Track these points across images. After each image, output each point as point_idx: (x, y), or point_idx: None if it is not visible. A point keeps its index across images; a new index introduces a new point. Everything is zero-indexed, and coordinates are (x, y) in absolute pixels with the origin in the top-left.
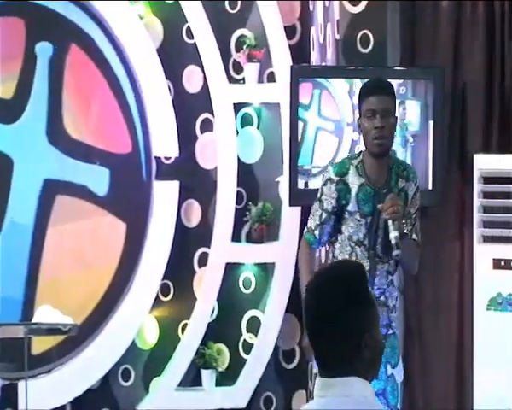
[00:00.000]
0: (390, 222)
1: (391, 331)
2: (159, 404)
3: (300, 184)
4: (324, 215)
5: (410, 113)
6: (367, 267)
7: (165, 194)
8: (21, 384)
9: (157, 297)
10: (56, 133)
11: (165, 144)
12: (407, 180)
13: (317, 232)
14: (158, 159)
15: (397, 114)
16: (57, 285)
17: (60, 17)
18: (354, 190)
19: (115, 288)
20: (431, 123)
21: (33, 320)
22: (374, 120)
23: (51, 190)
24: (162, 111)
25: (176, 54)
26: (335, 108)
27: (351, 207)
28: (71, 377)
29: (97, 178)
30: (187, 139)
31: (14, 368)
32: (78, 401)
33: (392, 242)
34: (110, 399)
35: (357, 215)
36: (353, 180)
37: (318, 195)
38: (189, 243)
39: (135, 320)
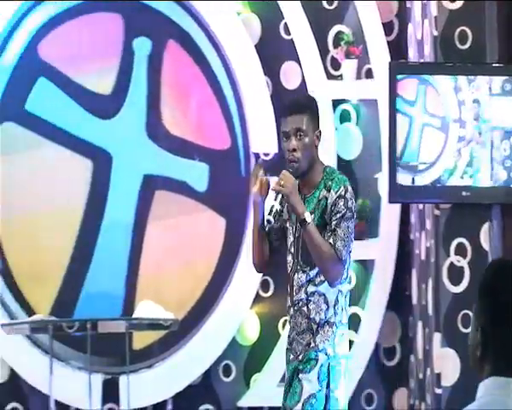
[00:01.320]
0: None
1: (312, 344)
2: (259, 400)
3: (407, 181)
4: None
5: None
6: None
7: None
8: (123, 379)
9: (257, 293)
10: (155, 129)
11: (263, 140)
12: (328, 191)
13: None
14: (257, 155)
15: (316, 132)
16: (157, 281)
17: (157, 13)
18: None
19: (216, 283)
20: None
21: (134, 315)
22: (288, 143)
23: (151, 185)
24: (260, 107)
25: (273, 50)
26: (440, 104)
27: (284, 214)
28: (172, 372)
29: (197, 174)
30: None
31: (116, 363)
32: (179, 397)
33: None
34: (211, 394)
35: (288, 223)
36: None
37: None
38: None
39: (235, 316)
